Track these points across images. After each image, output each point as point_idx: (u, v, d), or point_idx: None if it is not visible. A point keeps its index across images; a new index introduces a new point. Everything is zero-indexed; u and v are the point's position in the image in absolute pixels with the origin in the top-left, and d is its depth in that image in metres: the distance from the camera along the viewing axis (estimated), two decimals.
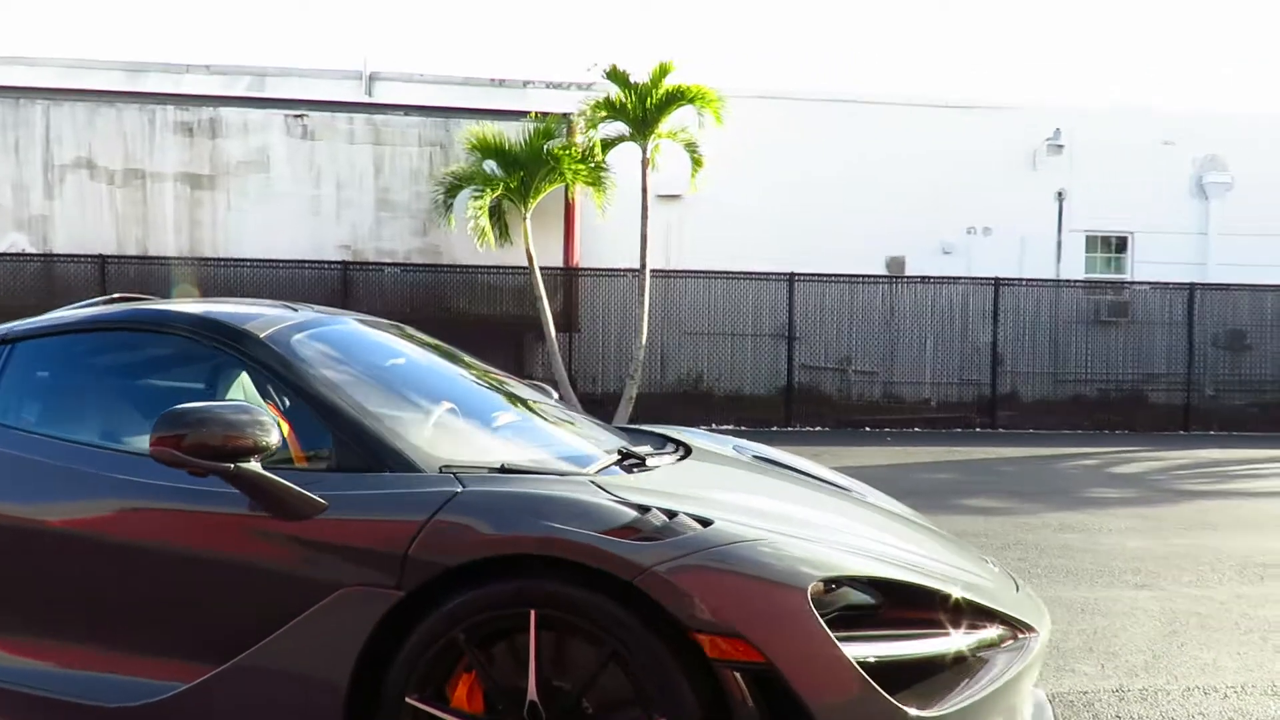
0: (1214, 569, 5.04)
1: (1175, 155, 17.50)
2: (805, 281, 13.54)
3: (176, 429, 1.90)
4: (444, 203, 11.85)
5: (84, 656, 2.09)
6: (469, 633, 1.85)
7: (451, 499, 1.92)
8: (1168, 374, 14.74)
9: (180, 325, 2.39)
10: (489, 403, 2.86)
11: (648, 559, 1.79)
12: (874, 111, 16.68)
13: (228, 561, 2.01)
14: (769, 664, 1.73)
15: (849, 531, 2.28)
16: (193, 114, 12.47)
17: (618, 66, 11.17)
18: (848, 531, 2.27)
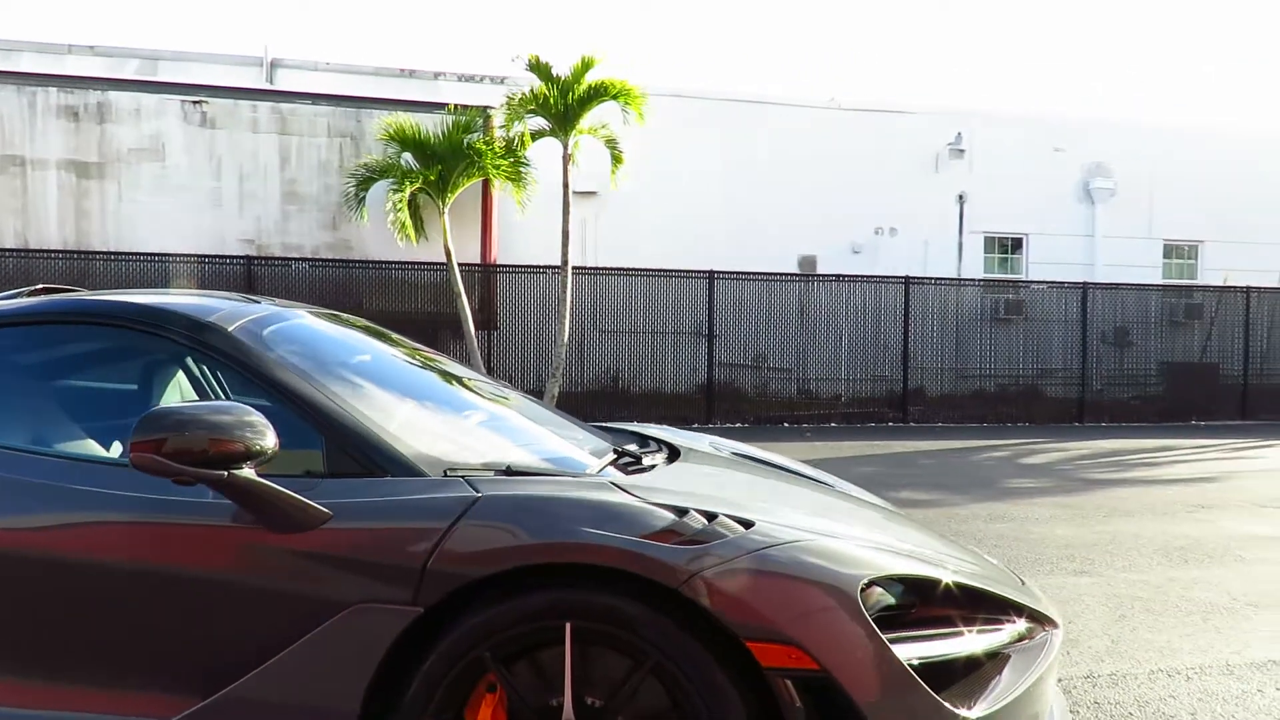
0: (1140, 554, 5.25)
1: (1065, 161, 18.44)
2: (725, 279, 13.63)
3: (156, 433, 1.68)
4: (356, 196, 11.40)
5: (45, 696, 1.83)
6: (495, 650, 1.70)
7: (474, 504, 1.77)
8: (1063, 369, 15.48)
9: (134, 318, 2.14)
10: (466, 399, 2.69)
11: (695, 564, 1.68)
12: (786, 113, 16.96)
13: (212, 580, 1.80)
14: (823, 671, 1.65)
15: (862, 529, 2.22)
16: (79, 97, 11.62)
17: (540, 59, 10.96)
18: (861, 529, 2.22)
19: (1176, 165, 18.62)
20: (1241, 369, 15.82)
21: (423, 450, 2.01)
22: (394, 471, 1.91)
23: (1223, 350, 15.91)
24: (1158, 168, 18.63)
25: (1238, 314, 15.82)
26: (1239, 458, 10.35)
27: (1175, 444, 11.65)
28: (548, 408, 3.07)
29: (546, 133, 11.60)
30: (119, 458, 2.14)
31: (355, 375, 2.30)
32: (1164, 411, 15.36)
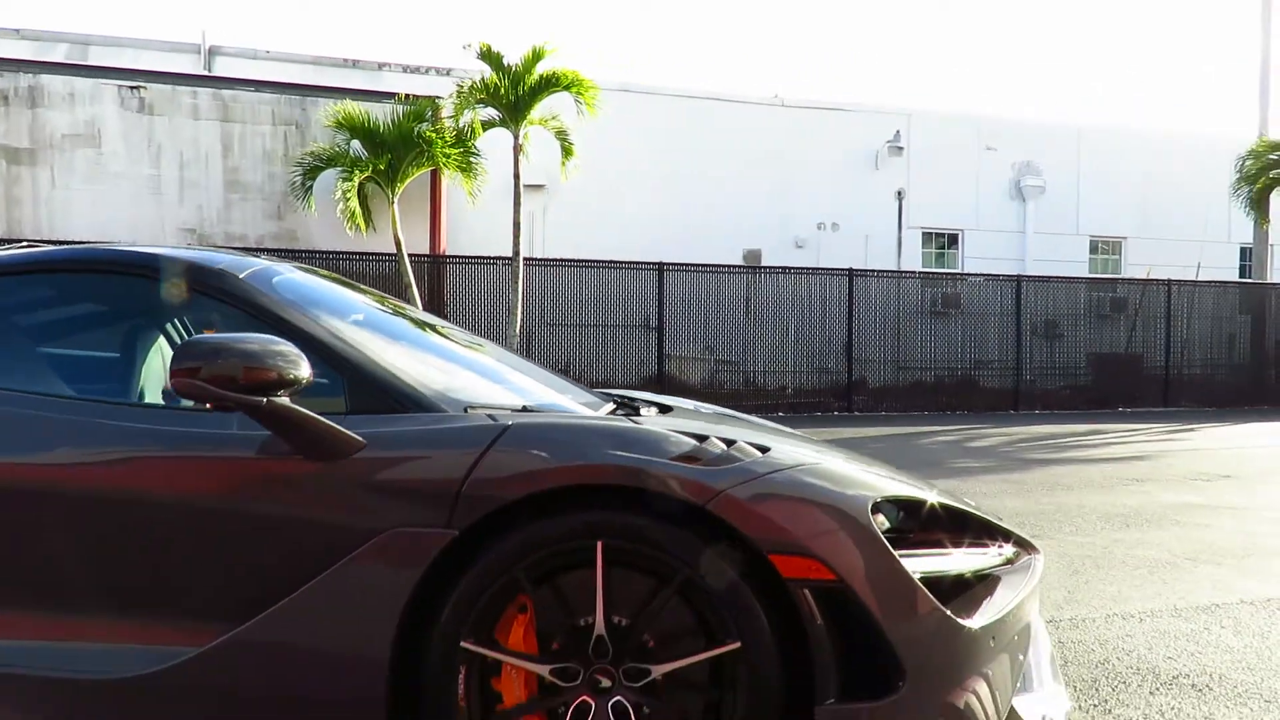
0: (1085, 520, 5.52)
1: (998, 159, 19.08)
2: (673, 271, 13.76)
3: (192, 360, 1.70)
4: (304, 185, 11.22)
5: (81, 628, 1.82)
6: (528, 570, 1.76)
7: (504, 432, 1.82)
8: (998, 360, 16.01)
9: (146, 267, 2.14)
10: (466, 351, 2.72)
11: (721, 483, 1.77)
12: (732, 109, 17.20)
13: (243, 510, 1.82)
14: (840, 581, 1.75)
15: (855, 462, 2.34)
16: (9, 80, 11.20)
17: (491, 47, 10.94)
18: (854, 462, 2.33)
19: (1101, 164, 19.43)
20: (1164, 360, 16.57)
21: (440, 389, 2.06)
22: (415, 409, 1.95)
23: (1146, 342, 16.65)
24: (1084, 166, 19.43)
25: (1160, 307, 16.56)
26: (1165, 440, 10.87)
27: (1105, 428, 12.17)
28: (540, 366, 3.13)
29: (497, 123, 11.58)
30: (143, 399, 2.15)
31: (359, 322, 2.33)
32: (1092, 400, 16.01)
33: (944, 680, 1.81)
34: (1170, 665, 2.95)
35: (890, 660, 1.77)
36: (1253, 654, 3.06)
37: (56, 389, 2.08)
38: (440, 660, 1.75)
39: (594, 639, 1.77)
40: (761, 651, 1.74)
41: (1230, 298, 17.29)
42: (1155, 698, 2.66)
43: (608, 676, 1.78)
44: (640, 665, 1.78)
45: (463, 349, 2.69)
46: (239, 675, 1.76)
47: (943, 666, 1.81)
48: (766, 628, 1.75)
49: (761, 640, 1.74)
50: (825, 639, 1.75)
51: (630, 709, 1.76)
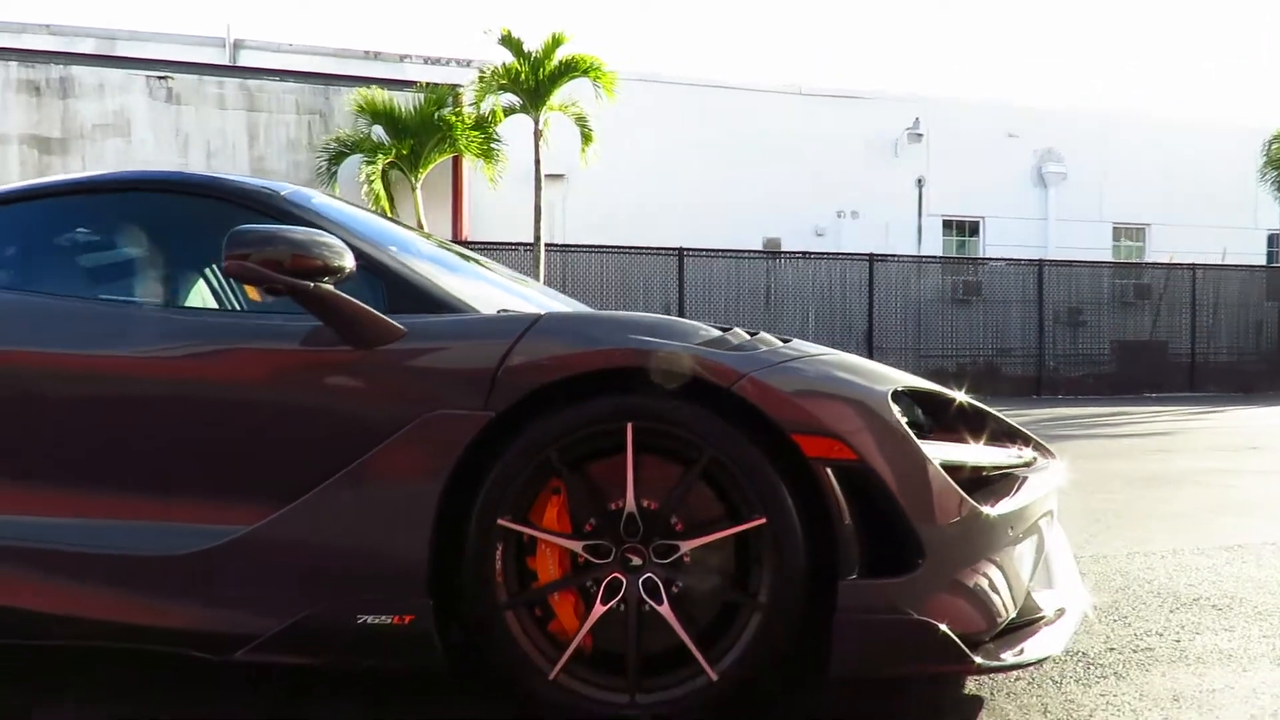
0: (1109, 483, 5.53)
1: (1019, 146, 18.98)
2: (694, 256, 13.81)
3: (243, 248, 1.80)
4: (328, 171, 11.39)
5: (123, 507, 1.92)
6: (563, 452, 1.83)
7: (538, 321, 1.90)
8: (1020, 347, 15.94)
9: (196, 188, 2.24)
10: (493, 272, 2.80)
11: (744, 366, 1.83)
12: (750, 98, 17.23)
13: (290, 397, 1.90)
14: (861, 461, 1.81)
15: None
16: (40, 72, 11.44)
17: (511, 33, 11.05)
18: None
19: (1125, 151, 19.28)
20: (1189, 346, 16.43)
21: (475, 295, 2.14)
22: (451, 311, 2.03)
23: (1172, 328, 16.51)
24: (1107, 153, 19.28)
25: (1185, 293, 16.41)
26: (1190, 419, 10.80)
27: (1130, 411, 12.11)
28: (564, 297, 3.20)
29: (517, 109, 11.70)
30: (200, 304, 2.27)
31: (394, 237, 2.41)
32: (1116, 386, 15.91)
33: (962, 560, 1.86)
34: (1191, 590, 2.98)
35: (911, 539, 1.82)
36: (1275, 582, 3.09)
37: (122, 296, 2.18)
38: (478, 536, 1.82)
39: (624, 517, 1.84)
40: (786, 526, 1.80)
41: (1257, 283, 17.11)
42: (1175, 615, 2.69)
43: (638, 555, 1.85)
44: (669, 542, 1.84)
45: (491, 271, 2.77)
46: (290, 548, 1.84)
47: (961, 547, 1.86)
48: (790, 503, 1.81)
49: (785, 515, 1.81)
50: (847, 516, 1.81)
51: (660, 585, 1.83)
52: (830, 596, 1.80)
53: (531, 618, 1.87)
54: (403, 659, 1.84)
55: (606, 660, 1.86)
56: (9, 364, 2.02)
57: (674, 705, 1.82)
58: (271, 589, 1.84)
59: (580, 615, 1.85)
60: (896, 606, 1.80)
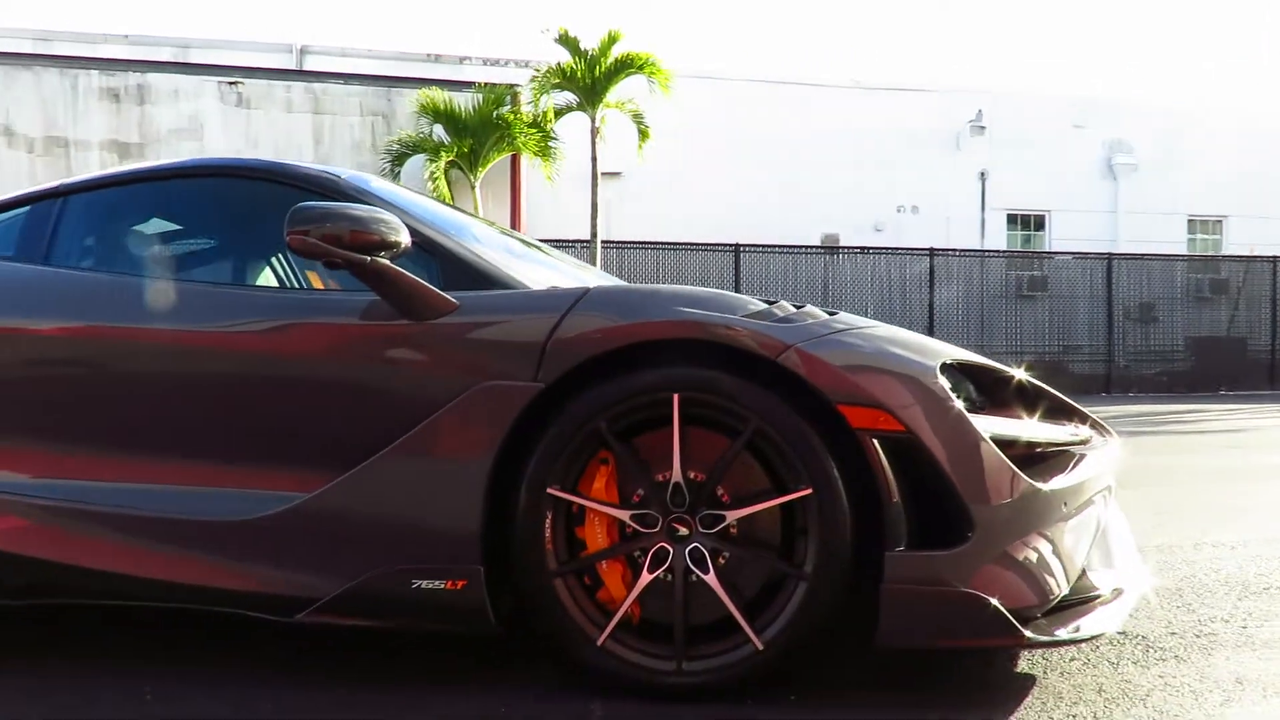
0: (1177, 477, 5.37)
1: (1087, 137, 18.44)
2: (750, 252, 13.77)
3: (304, 224, 1.87)
4: (392, 171, 11.63)
5: (193, 474, 2.02)
6: (611, 422, 1.86)
7: (585, 294, 1.94)
8: (1088, 344, 15.49)
9: (258, 172, 2.33)
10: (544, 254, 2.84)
11: (789, 337, 1.84)
12: (807, 93, 17.08)
13: (349, 368, 1.98)
14: (909, 434, 1.80)
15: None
16: (119, 79, 11.93)
17: (568, 32, 11.16)
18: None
19: (1198, 141, 18.57)
20: (1269, 342, 15.78)
21: (526, 274, 2.19)
22: (503, 287, 2.08)
23: (1251, 323, 15.88)
24: (1179, 143, 18.60)
25: (1265, 287, 15.78)
26: (1267, 416, 10.39)
27: (1204, 408, 11.69)
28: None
29: (574, 107, 11.81)
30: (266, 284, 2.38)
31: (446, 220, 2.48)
32: (1191, 384, 15.37)
33: (1012, 534, 1.84)
34: (1261, 580, 2.88)
35: (960, 512, 1.81)
36: None
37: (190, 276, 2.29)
38: (528, 505, 1.87)
39: (671, 488, 1.86)
40: (831, 497, 1.81)
41: None
42: (1243, 603, 2.61)
43: (685, 525, 1.87)
44: (715, 513, 1.86)
45: (542, 253, 2.81)
46: (348, 514, 1.91)
47: (1012, 521, 1.84)
48: (836, 474, 1.81)
49: (831, 486, 1.81)
50: (894, 488, 1.80)
51: (707, 555, 1.85)
52: (877, 568, 1.80)
53: (580, 585, 1.90)
54: (456, 623, 1.90)
55: (654, 629, 1.89)
56: (90, 340, 2.13)
57: (720, 673, 1.84)
58: (332, 553, 1.91)
59: (628, 584, 1.88)
60: (944, 579, 1.79)
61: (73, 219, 2.36)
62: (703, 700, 1.83)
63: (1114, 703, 1.86)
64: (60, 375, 2.13)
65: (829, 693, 1.93)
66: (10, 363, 2.13)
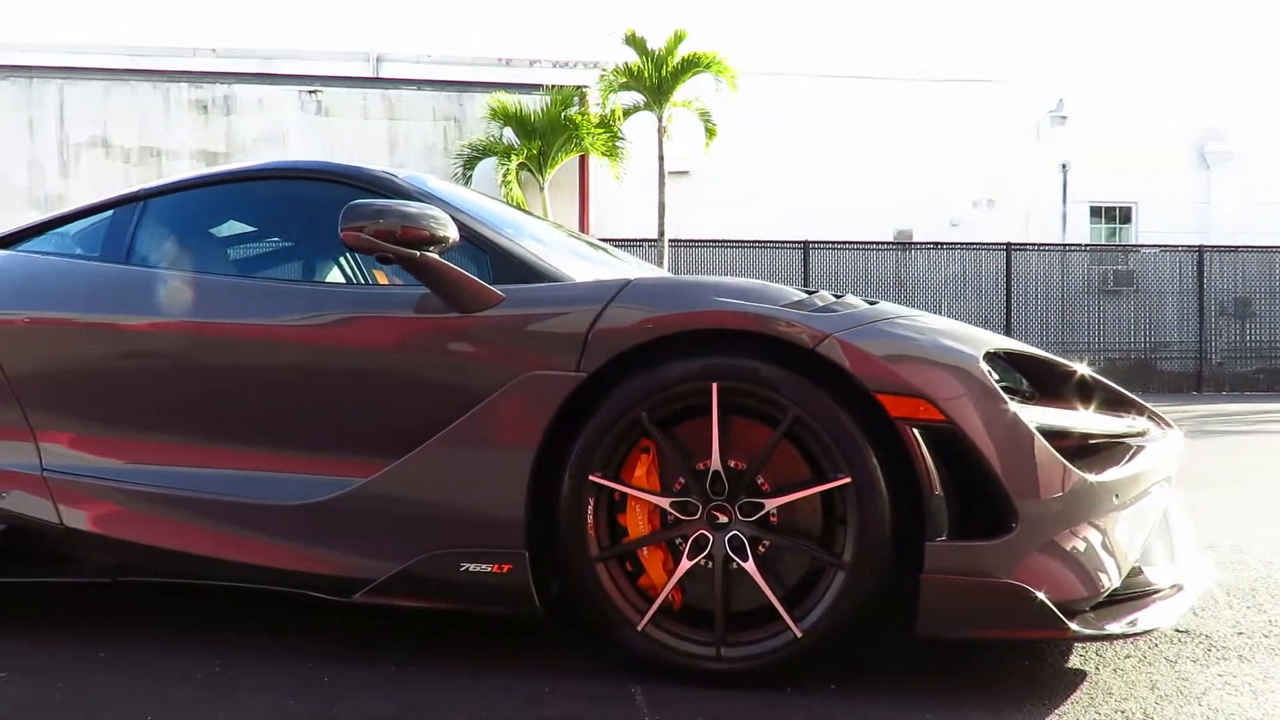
0: (1263, 479, 5.13)
1: (1177, 125, 17.66)
2: (820, 249, 13.62)
3: (359, 219, 1.96)
4: (464, 175, 11.89)
5: (258, 459, 2.13)
6: (651, 410, 1.90)
7: (627, 285, 1.98)
8: (1178, 341, 14.85)
9: (320, 173, 2.44)
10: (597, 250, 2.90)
11: (827, 326, 1.85)
12: (877, 87, 16.79)
13: (402, 358, 2.06)
14: (950, 423, 1.79)
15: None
16: (207, 91, 12.47)
17: (635, 33, 11.23)
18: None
19: None
20: None
21: (574, 268, 2.24)
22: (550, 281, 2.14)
23: None
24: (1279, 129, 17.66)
25: None
26: None
27: None
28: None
29: (641, 107, 11.87)
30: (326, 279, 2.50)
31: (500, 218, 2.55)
32: None
33: (1059, 525, 1.81)
34: None
35: (1004, 502, 1.79)
36: None
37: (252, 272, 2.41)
38: (571, 491, 1.92)
39: (710, 476, 1.89)
40: (870, 486, 1.81)
41: None
42: None
43: (724, 513, 1.90)
44: (755, 500, 1.88)
45: (594, 250, 2.87)
46: (401, 499, 1.99)
47: (1059, 512, 1.81)
48: (875, 462, 1.81)
49: (870, 475, 1.81)
50: (935, 478, 1.79)
51: (746, 543, 1.87)
52: (918, 557, 1.79)
53: (622, 571, 1.94)
54: (503, 605, 1.96)
55: (694, 615, 1.92)
56: (168, 334, 2.27)
57: (758, 660, 1.86)
58: (386, 537, 2.00)
59: (669, 570, 1.92)
60: (987, 570, 1.77)
61: (151, 221, 2.51)
62: (742, 686, 1.85)
63: (1166, 699, 1.81)
64: (142, 368, 2.27)
65: (870, 681, 1.92)
66: (98, 356, 2.28)
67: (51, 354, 2.30)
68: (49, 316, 2.33)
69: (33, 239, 2.62)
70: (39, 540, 2.24)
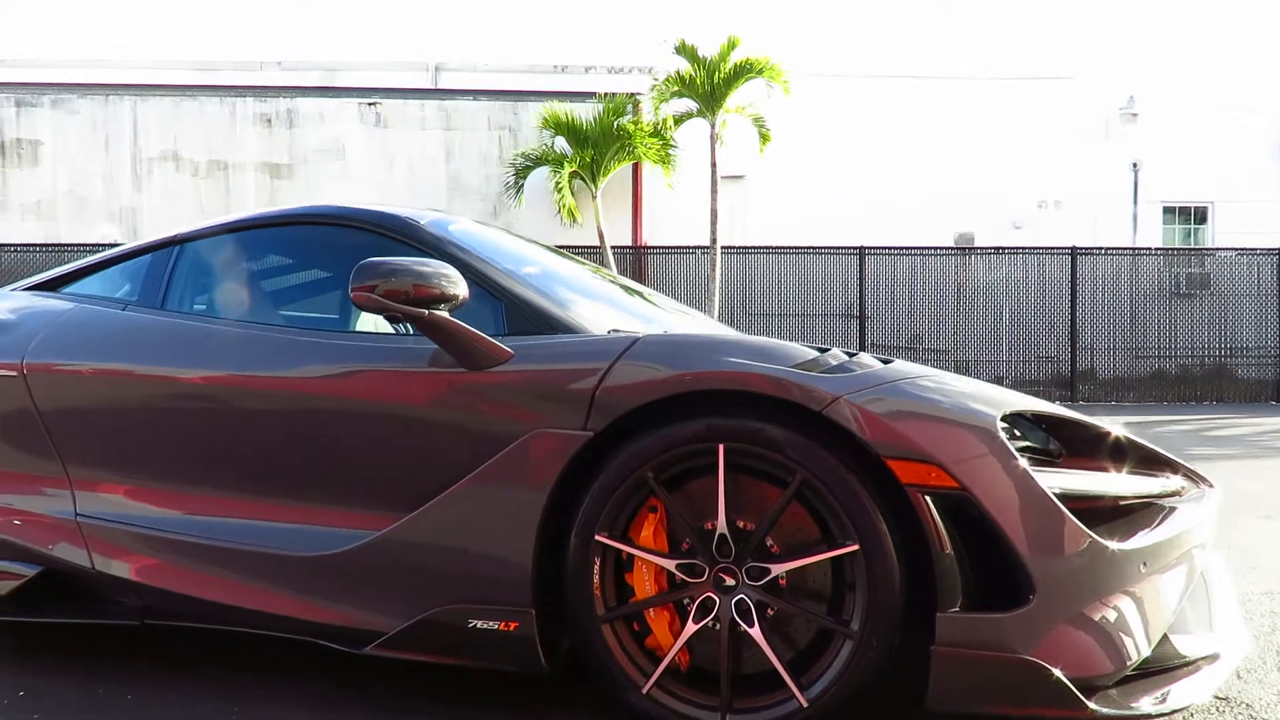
0: None
1: (1255, 119, 16.90)
2: (875, 255, 13.38)
3: (371, 279, 1.98)
4: (516, 184, 12.00)
5: (277, 511, 2.17)
6: (657, 471, 1.88)
7: (634, 344, 1.96)
8: (1256, 346, 14.22)
9: (345, 218, 2.48)
10: (623, 295, 2.89)
11: (836, 389, 1.80)
12: (936, 86, 16.43)
13: (413, 414, 2.08)
14: (963, 490, 1.73)
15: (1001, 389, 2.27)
16: (270, 105, 12.82)
17: (686, 41, 11.19)
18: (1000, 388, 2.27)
19: None
20: None
21: (589, 317, 2.23)
22: (563, 333, 2.13)
23: None
24: None
25: None
26: None
27: None
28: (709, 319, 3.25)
29: (694, 114, 11.82)
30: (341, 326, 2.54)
31: (523, 263, 2.55)
32: None
33: (1080, 597, 1.74)
34: None
35: (1020, 573, 1.72)
36: None
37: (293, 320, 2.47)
38: (577, 551, 1.91)
39: (717, 538, 1.86)
40: (880, 554, 1.76)
41: None
42: None
43: (731, 576, 1.87)
44: (761, 565, 1.85)
45: (624, 293, 2.86)
46: (410, 554, 2.01)
47: (1080, 583, 1.74)
48: (885, 530, 1.76)
49: (880, 543, 1.76)
50: (948, 546, 1.74)
51: (753, 607, 1.84)
52: (930, 628, 1.74)
53: (628, 631, 1.93)
54: (510, 662, 1.96)
55: (701, 677, 1.90)
56: (192, 385, 2.33)
57: None
58: (397, 591, 2.02)
59: (676, 632, 1.90)
60: (1002, 643, 1.71)
61: (185, 265, 2.58)
62: None
63: None
64: (170, 418, 2.33)
65: None
66: (129, 405, 2.35)
67: (87, 402, 2.38)
68: (85, 366, 2.41)
69: (76, 282, 2.72)
70: (72, 583, 2.32)
